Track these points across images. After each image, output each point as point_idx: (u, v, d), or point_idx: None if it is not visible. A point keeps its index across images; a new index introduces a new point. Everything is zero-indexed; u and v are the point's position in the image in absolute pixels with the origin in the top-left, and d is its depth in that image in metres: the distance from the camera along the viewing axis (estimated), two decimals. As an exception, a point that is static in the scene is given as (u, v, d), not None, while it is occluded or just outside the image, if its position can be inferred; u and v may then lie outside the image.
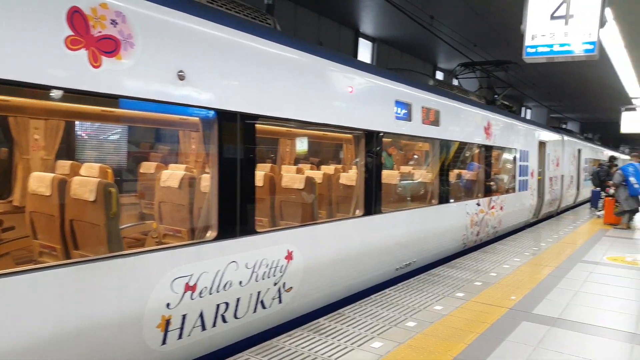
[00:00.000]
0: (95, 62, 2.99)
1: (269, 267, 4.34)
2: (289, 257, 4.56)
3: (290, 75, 4.63)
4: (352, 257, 5.57)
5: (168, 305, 3.50)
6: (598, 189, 15.25)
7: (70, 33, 2.86)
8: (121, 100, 3.31)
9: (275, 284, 4.45)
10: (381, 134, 6.02)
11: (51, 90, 2.91)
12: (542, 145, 13.43)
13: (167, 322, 3.51)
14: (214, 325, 3.92)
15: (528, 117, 33.75)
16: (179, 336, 3.62)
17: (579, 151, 18.96)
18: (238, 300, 4.08)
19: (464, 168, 9.44)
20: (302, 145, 7.78)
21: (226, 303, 3.98)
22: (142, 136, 6.06)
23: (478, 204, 9.07)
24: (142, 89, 3.30)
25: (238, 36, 4.06)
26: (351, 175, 6.36)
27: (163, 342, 3.50)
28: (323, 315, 4.94)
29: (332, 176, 6.56)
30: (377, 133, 5.93)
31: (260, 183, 5.11)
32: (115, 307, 3.17)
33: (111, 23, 3.07)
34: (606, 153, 25.25)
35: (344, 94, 5.39)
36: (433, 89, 7.71)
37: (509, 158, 11.24)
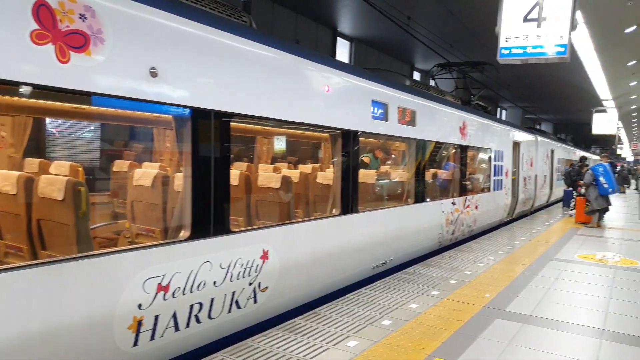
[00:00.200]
0: (63, 58, 2.91)
1: (244, 267, 4.30)
2: (265, 257, 4.53)
3: (265, 73, 4.60)
4: (329, 257, 5.57)
5: (140, 306, 3.43)
6: (570, 189, 15.58)
7: (35, 27, 2.77)
8: (91, 97, 3.23)
9: (250, 284, 4.41)
10: (358, 134, 6.03)
11: (16, 85, 2.82)
12: (517, 145, 13.67)
13: (139, 323, 3.44)
14: (188, 325, 3.86)
15: (503, 118, 34.33)
16: (151, 337, 3.56)
17: (552, 151, 19.36)
18: (212, 300, 4.04)
19: (440, 168, 9.54)
20: (279, 144, 7.74)
21: (200, 303, 3.93)
22: (115, 134, 5.94)
23: (453, 203, 9.17)
24: (113, 86, 3.23)
25: (213, 33, 4.01)
26: (328, 174, 6.36)
27: (135, 344, 3.44)
28: (300, 314, 4.93)
29: (309, 175, 6.55)
30: (354, 132, 5.94)
31: (235, 182, 5.06)
32: (84, 309, 3.09)
33: (80, 17, 2.99)
34: (578, 153, 25.85)
35: (321, 93, 5.38)
36: (409, 89, 7.77)
37: (484, 158, 11.40)
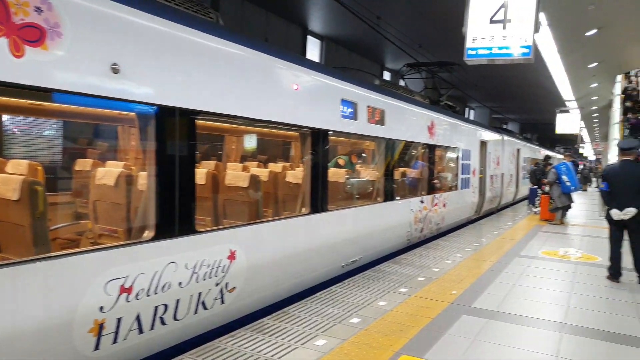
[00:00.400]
0: (17, 52, 2.79)
1: (211, 268, 4.24)
2: (232, 257, 4.48)
3: (233, 71, 4.54)
4: (298, 256, 5.55)
5: (101, 308, 3.34)
6: (535, 187, 15.99)
7: (-13, 19, 2.65)
8: (49, 93, 3.11)
9: (217, 285, 4.35)
10: (327, 132, 6.02)
11: None
12: (484, 144, 13.95)
13: (101, 327, 3.35)
14: (152, 327, 3.78)
15: (471, 118, 35.02)
16: (114, 340, 3.46)
17: (518, 150, 19.84)
18: (178, 301, 3.96)
19: (409, 166, 9.64)
20: (249, 142, 7.67)
21: (165, 305, 3.85)
22: (77, 132, 5.76)
23: (422, 202, 9.29)
24: (72, 82, 3.13)
25: (177, 29, 3.93)
26: (297, 173, 6.34)
27: (96, 348, 3.34)
28: (269, 314, 4.89)
29: (279, 174, 6.51)
30: (323, 131, 5.94)
31: (202, 181, 4.99)
32: (41, 313, 2.98)
33: (35, 10, 2.88)
34: (543, 152, 26.58)
35: (290, 92, 5.35)
36: (379, 89, 7.82)
37: (452, 157, 11.59)
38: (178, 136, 3.91)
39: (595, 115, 32.71)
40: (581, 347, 4.32)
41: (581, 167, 30.68)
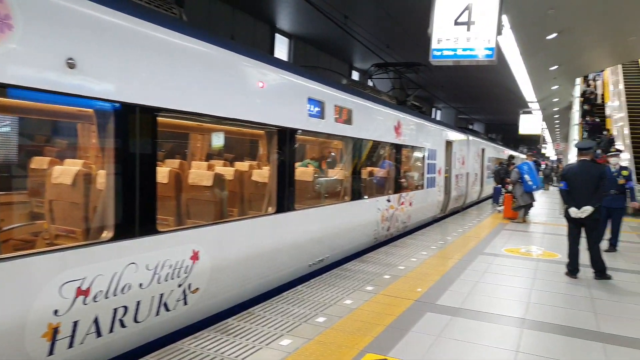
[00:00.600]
0: (-37, 44, 2.66)
1: (173, 268, 4.15)
2: (195, 258, 4.39)
3: (196, 68, 4.45)
4: (264, 256, 5.50)
5: (56, 312, 3.21)
6: (499, 186, 16.37)
7: None
8: (5, 89, 2.98)
9: (179, 286, 4.26)
10: (293, 131, 5.99)
11: None
12: (449, 144, 14.19)
13: (55, 331, 3.22)
14: (111, 330, 3.67)
15: (438, 118, 35.59)
16: (70, 345, 3.34)
17: (483, 150, 20.28)
18: (138, 303, 3.86)
19: (376, 166, 9.71)
20: (215, 141, 7.55)
21: (125, 307, 3.74)
22: (31, 129, 5.52)
23: (388, 200, 9.37)
24: (23, 76, 2.99)
25: (137, 24, 3.82)
26: (264, 172, 6.28)
27: (50, 353, 3.21)
28: (234, 315, 4.83)
29: (244, 173, 6.43)
30: (290, 130, 5.90)
31: (164, 180, 4.88)
32: (-11, 318, 2.85)
33: (-17, 1, 2.75)
34: (507, 152, 27.24)
35: (255, 90, 5.30)
36: (346, 88, 7.84)
37: (418, 156, 11.74)
38: (139, 134, 3.81)
39: (556, 116, 33.83)
40: (540, 342, 4.43)
41: (543, 167, 31.64)
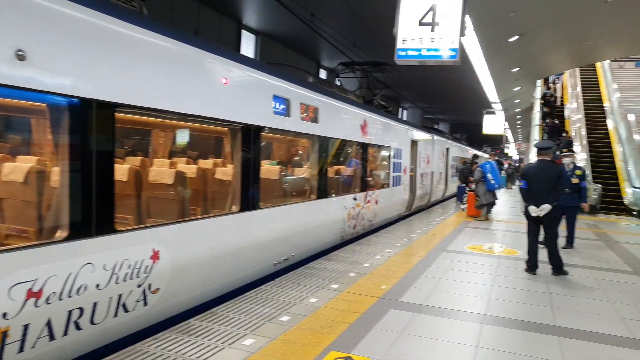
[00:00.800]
0: None
1: (132, 268, 4.03)
2: (155, 257, 4.29)
3: (156, 63, 4.34)
4: (228, 255, 5.42)
5: (5, 315, 3.07)
6: (463, 185, 16.70)
7: None
8: None
9: (139, 286, 4.15)
10: (258, 128, 5.93)
11: None
12: (415, 143, 14.38)
13: (4, 335, 3.08)
14: (66, 333, 3.54)
15: (404, 117, 36.06)
16: (20, 349, 3.20)
17: (447, 150, 20.66)
18: (95, 304, 3.73)
19: (342, 164, 9.74)
20: (178, 137, 7.40)
21: (80, 308, 3.61)
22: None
23: (355, 199, 9.41)
24: None
25: (93, 16, 3.69)
26: (228, 170, 6.19)
27: (-2, 358, 3.07)
28: (196, 315, 4.74)
29: (208, 171, 6.33)
30: (255, 127, 5.84)
31: (124, 177, 4.74)
32: None
33: None
34: (471, 152, 27.84)
35: (218, 86, 5.21)
36: (312, 86, 7.82)
37: (384, 155, 11.84)
38: (95, 130, 3.68)
39: (518, 117, 34.80)
40: (500, 337, 4.53)
41: (506, 166, 32.47)
